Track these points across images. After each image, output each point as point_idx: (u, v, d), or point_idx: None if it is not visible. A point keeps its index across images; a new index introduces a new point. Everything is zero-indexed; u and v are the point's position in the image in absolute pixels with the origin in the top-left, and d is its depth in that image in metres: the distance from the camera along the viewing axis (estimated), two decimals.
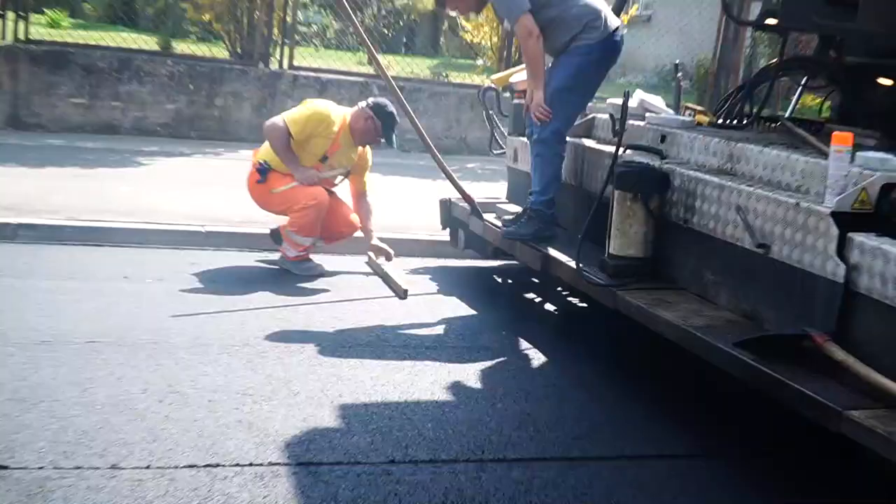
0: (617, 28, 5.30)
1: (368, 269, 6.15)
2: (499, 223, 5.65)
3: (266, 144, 5.93)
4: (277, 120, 5.82)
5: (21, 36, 10.27)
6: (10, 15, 10.23)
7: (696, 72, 14.07)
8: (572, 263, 4.65)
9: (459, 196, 6.12)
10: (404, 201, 7.84)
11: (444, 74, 12.74)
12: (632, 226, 4.43)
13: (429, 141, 6.21)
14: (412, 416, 3.84)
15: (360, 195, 6.23)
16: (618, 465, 3.59)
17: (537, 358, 4.81)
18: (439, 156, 6.17)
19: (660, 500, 3.33)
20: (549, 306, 5.90)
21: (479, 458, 3.50)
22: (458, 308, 5.56)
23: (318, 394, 3.97)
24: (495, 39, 12.52)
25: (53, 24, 15.39)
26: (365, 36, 6.87)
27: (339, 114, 6.00)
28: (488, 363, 4.60)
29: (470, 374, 4.41)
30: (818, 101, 6.82)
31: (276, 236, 6.07)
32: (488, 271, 6.45)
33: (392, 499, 3.12)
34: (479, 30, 13.37)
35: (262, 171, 5.85)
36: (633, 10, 15.56)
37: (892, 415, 2.89)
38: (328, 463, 3.34)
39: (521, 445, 3.66)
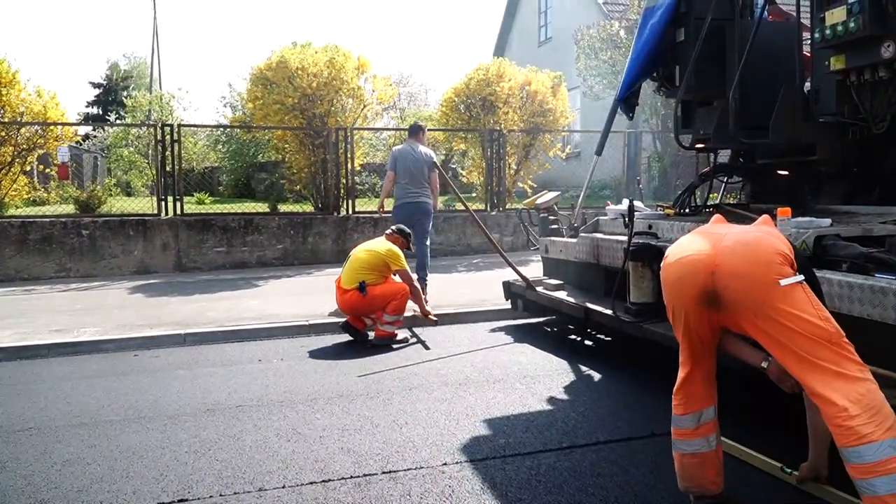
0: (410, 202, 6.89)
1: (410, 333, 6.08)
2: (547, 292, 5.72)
3: (348, 275, 5.81)
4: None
5: (179, 211, 10.49)
6: (171, 199, 10.48)
7: (613, 182, 14.42)
8: (608, 311, 4.70)
9: (517, 277, 6.14)
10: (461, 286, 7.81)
11: (453, 205, 12.83)
12: (643, 283, 4.47)
13: (496, 243, 6.55)
14: (455, 431, 3.75)
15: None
16: (595, 449, 3.45)
17: (545, 379, 4.65)
18: (503, 252, 6.41)
19: (621, 469, 3.18)
20: (587, 343, 5.76)
21: (503, 455, 3.40)
22: (510, 345, 5.46)
23: (391, 424, 3.89)
24: (482, 179, 12.68)
25: (200, 202, 15.68)
26: (459, 194, 7.10)
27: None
28: (505, 387, 4.48)
29: (489, 396, 4.31)
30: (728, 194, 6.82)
31: (351, 331, 5.94)
32: (536, 325, 6.37)
33: (447, 489, 3.03)
34: (471, 174, 13.62)
35: (362, 289, 5.74)
36: (568, 149, 15.80)
37: None
38: (403, 469, 3.25)
39: (529, 443, 3.55)
